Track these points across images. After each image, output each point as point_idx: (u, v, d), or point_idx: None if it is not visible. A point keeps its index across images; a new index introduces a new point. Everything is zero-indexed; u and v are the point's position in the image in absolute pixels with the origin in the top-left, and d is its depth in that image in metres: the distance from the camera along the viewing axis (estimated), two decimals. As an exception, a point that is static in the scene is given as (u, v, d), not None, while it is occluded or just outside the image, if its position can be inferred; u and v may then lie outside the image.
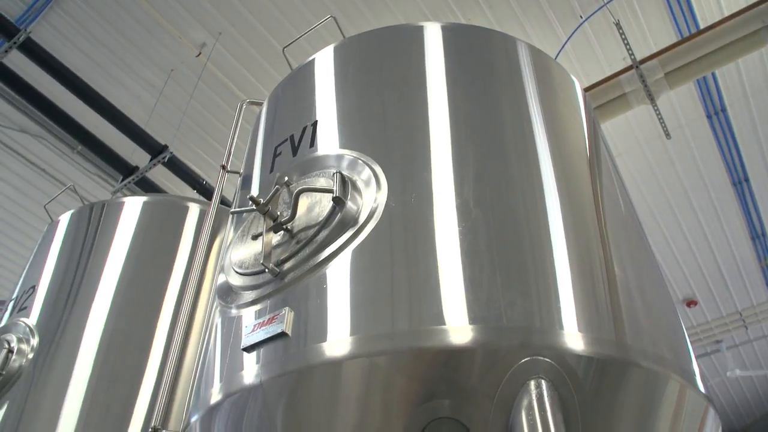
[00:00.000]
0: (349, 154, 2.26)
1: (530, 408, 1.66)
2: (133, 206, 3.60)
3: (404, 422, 1.69)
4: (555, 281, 1.89)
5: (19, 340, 3.10)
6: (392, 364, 1.71)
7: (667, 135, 7.10)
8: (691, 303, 11.56)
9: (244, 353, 1.95)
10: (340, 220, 2.01)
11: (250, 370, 1.89)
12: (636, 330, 1.91)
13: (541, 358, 1.72)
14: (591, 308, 1.88)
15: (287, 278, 2.00)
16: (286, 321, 1.86)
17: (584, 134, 2.61)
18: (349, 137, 2.37)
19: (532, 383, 1.70)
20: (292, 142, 2.53)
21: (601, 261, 2.06)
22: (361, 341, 1.74)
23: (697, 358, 2.21)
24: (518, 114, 2.41)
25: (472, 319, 1.74)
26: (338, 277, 1.92)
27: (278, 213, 2.16)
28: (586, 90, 4.31)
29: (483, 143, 2.24)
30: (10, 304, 3.58)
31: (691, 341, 2.33)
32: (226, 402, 1.93)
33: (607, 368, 1.77)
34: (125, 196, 3.98)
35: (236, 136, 3.52)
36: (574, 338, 1.77)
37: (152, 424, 2.67)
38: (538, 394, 1.68)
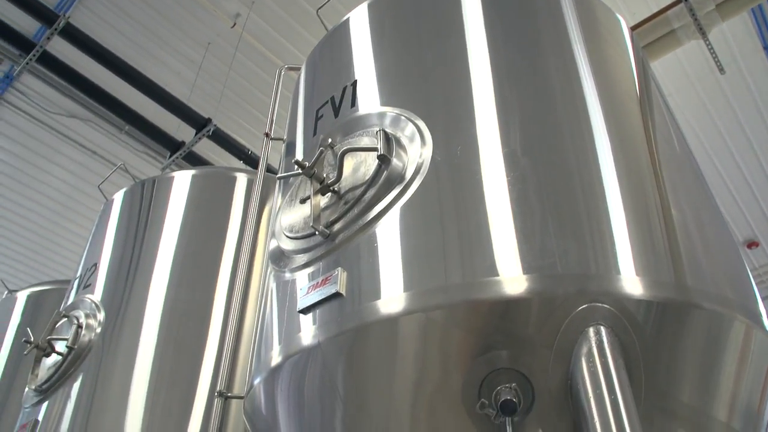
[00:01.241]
0: (390, 111, 2.23)
1: (590, 355, 1.64)
2: (182, 180, 3.67)
3: (463, 375, 1.69)
4: (609, 226, 1.84)
5: (87, 316, 3.23)
6: (448, 317, 1.70)
7: (721, 70, 6.79)
8: (752, 244, 11.20)
9: (301, 315, 1.98)
10: (386, 178, 2.00)
11: (308, 332, 1.92)
12: (696, 271, 1.86)
13: (599, 304, 1.69)
14: (648, 251, 1.83)
15: (338, 239, 2.01)
16: (339, 281, 1.87)
17: (633, 75, 2.51)
18: (389, 94, 2.34)
19: (591, 330, 1.68)
20: (333, 104, 2.52)
21: (656, 203, 1.99)
22: (416, 297, 1.75)
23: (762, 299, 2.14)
24: (562, 57, 2.33)
25: (526, 269, 1.72)
26: (388, 234, 1.91)
27: (324, 175, 2.17)
28: (632, 29, 4.12)
29: (527, 90, 2.18)
30: (75, 282, 3.72)
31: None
32: (286, 364, 1.97)
33: (667, 312, 1.73)
34: (174, 171, 4.06)
35: (277, 103, 3.53)
36: (631, 283, 1.73)
37: (218, 389, 2.77)
38: (597, 341, 1.66)
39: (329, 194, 2.13)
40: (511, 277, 1.71)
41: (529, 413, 1.68)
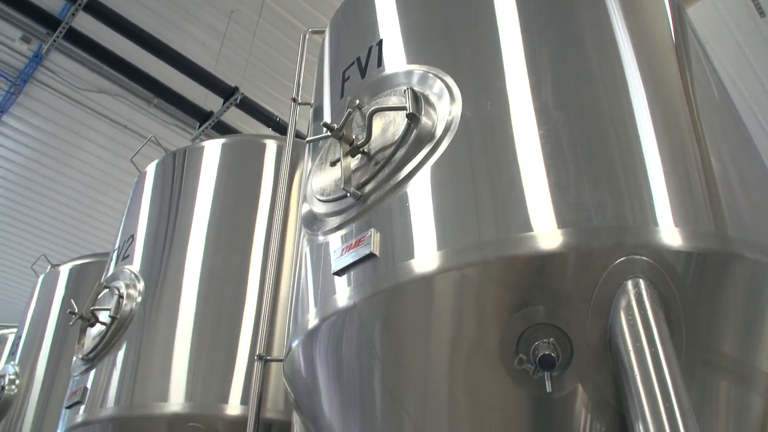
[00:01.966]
0: (418, 68, 2.20)
1: (629, 308, 1.62)
2: (212, 149, 3.69)
3: (500, 331, 1.69)
4: (646, 177, 1.80)
5: (127, 286, 3.30)
6: (483, 274, 1.70)
7: (761, 13, 6.52)
8: (793, 194, 10.88)
9: (336, 277, 1.99)
10: (416, 136, 1.97)
11: (343, 293, 1.93)
12: (738, 221, 1.81)
13: (637, 257, 1.66)
14: (687, 202, 1.79)
15: (369, 200, 2.00)
16: (372, 242, 1.87)
17: (668, 21, 2.41)
18: (416, 52, 2.31)
19: (630, 283, 1.65)
20: (359, 65, 2.49)
21: (695, 152, 1.94)
22: (450, 255, 1.74)
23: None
24: (593, 5, 2.25)
25: (561, 223, 1.69)
26: (420, 193, 1.90)
27: (353, 137, 2.15)
28: (665, -26, 3.95)
29: (557, 41, 2.12)
30: (114, 254, 3.80)
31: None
32: (323, 326, 1.99)
33: (708, 262, 1.70)
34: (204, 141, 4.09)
35: (303, 68, 3.51)
36: (670, 234, 1.70)
37: (257, 353, 2.82)
38: (636, 294, 1.64)
39: (359, 156, 2.12)
40: (546, 232, 1.69)
41: (567, 368, 1.67)
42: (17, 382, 4.77)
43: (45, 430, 4.39)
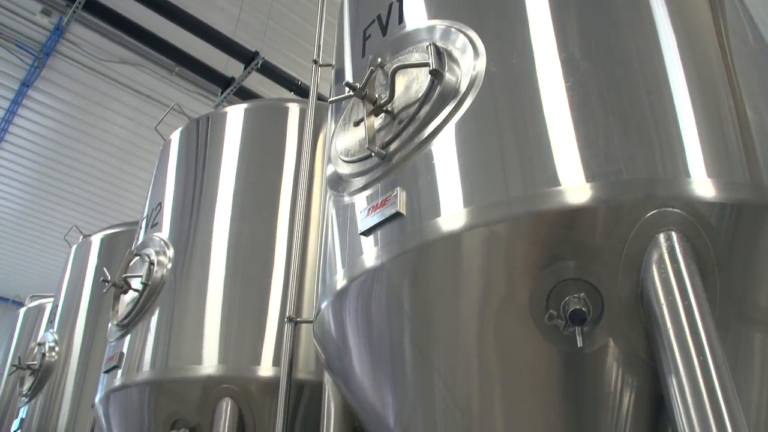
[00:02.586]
0: (440, 23, 2.15)
1: (661, 262, 1.59)
2: (235, 114, 3.68)
3: (530, 287, 1.67)
4: (677, 127, 1.74)
5: (157, 253, 3.35)
6: (511, 230, 1.68)
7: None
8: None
9: (362, 238, 1.98)
10: (440, 93, 1.94)
11: (371, 253, 1.93)
12: (774, 171, 1.76)
13: (669, 209, 1.63)
14: (720, 152, 1.73)
15: (394, 159, 1.98)
16: (399, 201, 1.86)
17: (698, -37, 2.32)
18: (437, 7, 2.25)
19: (662, 236, 1.62)
20: (380, 22, 2.44)
21: (728, 101, 1.87)
22: (477, 211, 1.72)
23: None
24: (621, -50, 2.16)
25: (590, 177, 1.66)
26: (445, 151, 1.88)
27: (376, 96, 2.12)
28: None
29: (584, -11, 2.05)
30: (143, 222, 3.85)
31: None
32: (351, 286, 2.00)
33: (743, 214, 1.65)
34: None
35: (323, 29, 3.46)
36: (703, 185, 1.65)
37: (287, 314, 2.85)
38: (668, 247, 1.61)
39: (383, 115, 2.09)
40: (575, 186, 1.66)
41: (598, 323, 1.66)
42: (57, 349, 4.92)
43: (85, 393, 4.54)
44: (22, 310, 7.10)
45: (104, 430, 3.40)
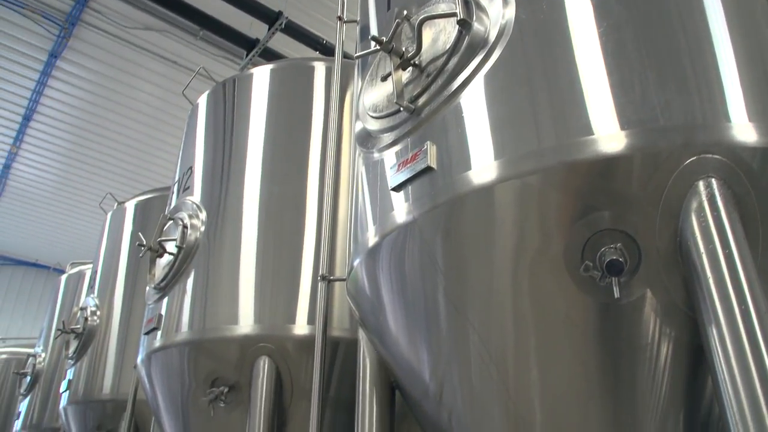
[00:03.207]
0: (466, -29, 2.08)
1: (701, 210, 1.55)
2: (261, 76, 3.66)
3: (564, 239, 1.65)
4: (717, 71, 1.68)
5: (190, 216, 3.38)
6: (544, 182, 1.64)
7: None
8: None
9: (393, 194, 1.97)
10: (468, 44, 1.89)
11: (402, 209, 1.92)
12: (820, 112, 1.68)
13: (709, 155, 1.57)
14: (762, 95, 1.67)
15: (423, 113, 1.95)
16: (429, 155, 1.84)
17: None
18: (463, -46, 2.18)
19: (701, 184, 1.57)
20: (405, -27, 2.38)
21: (771, 41, 1.79)
22: (509, 163, 1.69)
23: None
24: None
25: (625, 124, 1.61)
26: (475, 103, 1.84)
27: (403, 49, 2.07)
28: None
29: (617, -72, 1.95)
30: (175, 187, 3.88)
31: None
32: (384, 243, 1.99)
33: (787, 158, 1.59)
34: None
35: (346, -16, 3.39)
36: (744, 130, 1.59)
37: (320, 273, 2.87)
38: (708, 195, 1.56)
39: (410, 68, 2.05)
40: (609, 135, 1.61)
41: (635, 273, 1.63)
42: (98, 313, 5.06)
43: (127, 355, 4.67)
44: (64, 277, 7.30)
45: (147, 390, 3.50)
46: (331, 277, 2.86)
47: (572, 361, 1.73)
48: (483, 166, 1.73)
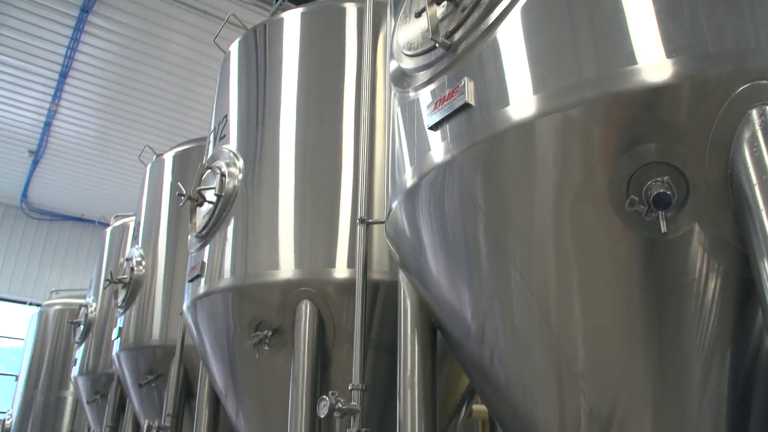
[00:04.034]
0: None
1: (754, 140, 1.48)
2: (292, 20, 3.59)
3: (608, 173, 1.60)
4: (772, -9, 1.58)
5: (227, 165, 3.40)
6: (587, 114, 1.59)
7: None
8: None
9: (430, 133, 1.94)
10: (504, -26, 1.81)
11: (440, 148, 1.88)
12: None
13: (764, 81, 1.50)
14: (822, 16, 1.57)
15: (459, 49, 1.89)
16: (467, 92, 1.79)
17: None
18: None
19: (754, 112, 1.50)
20: None
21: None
22: (549, 97, 1.63)
23: None
24: None
25: (672, 52, 1.54)
26: (512, 36, 1.77)
27: (437, -17, 2.00)
28: None
29: None
30: (211, 136, 3.89)
31: None
32: (422, 183, 1.97)
33: None
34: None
35: None
36: (802, 54, 1.51)
37: (358, 216, 2.87)
38: (762, 124, 1.49)
39: (445, 3, 1.98)
40: (654, 63, 1.54)
41: (683, 207, 1.58)
42: (143, 263, 5.19)
43: (174, 302, 4.80)
44: (109, 230, 7.48)
45: (194, 335, 3.61)
46: (370, 220, 2.86)
47: (616, 298, 1.70)
48: (522, 101, 1.68)
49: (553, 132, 1.64)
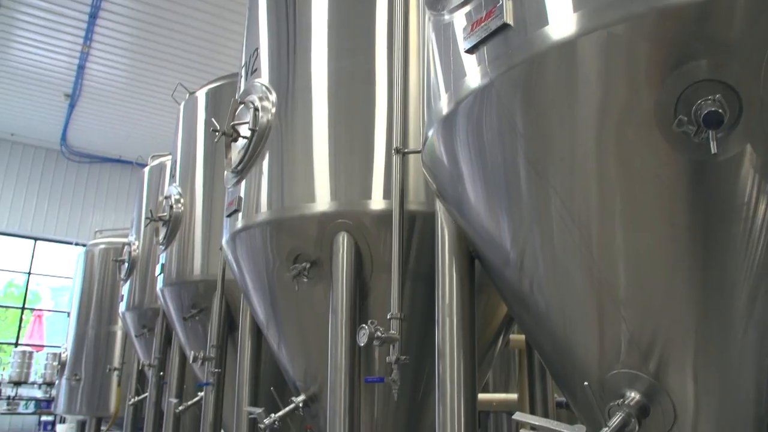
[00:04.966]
0: None
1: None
2: (320, -54, 3.48)
3: (655, 92, 1.53)
4: None
5: (260, 99, 3.37)
6: (633, 30, 1.50)
7: None
8: None
9: (466, 57, 1.87)
10: None
11: (476, 73, 1.82)
12: None
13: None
14: None
15: (497, -34, 1.80)
16: (505, 11, 1.71)
17: None
18: None
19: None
20: None
21: None
22: (591, 13, 1.55)
23: None
24: None
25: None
26: (555, -52, 1.67)
27: None
28: None
29: None
30: (243, 71, 3.85)
31: None
32: (459, 109, 1.92)
33: None
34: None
35: None
36: None
37: (394, 146, 2.84)
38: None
39: None
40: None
41: (735, 128, 1.50)
42: (182, 200, 5.27)
43: (213, 237, 4.89)
44: (146, 170, 7.60)
45: (234, 269, 3.68)
46: (406, 150, 2.83)
47: (660, 222, 1.66)
48: (563, 19, 1.59)
49: (596, 51, 1.56)
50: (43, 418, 15.31)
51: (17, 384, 15.05)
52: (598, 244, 1.74)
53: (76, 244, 15.94)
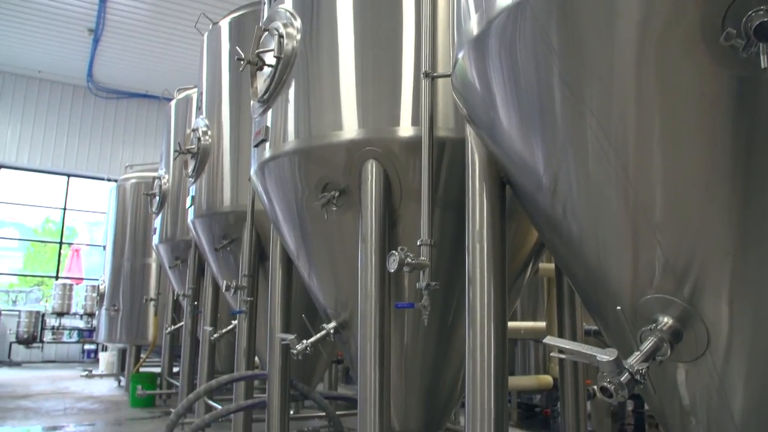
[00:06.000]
0: None
1: None
2: None
3: (702, 4, 1.44)
4: None
5: (285, 26, 3.28)
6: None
7: None
8: None
9: (500, -29, 1.78)
10: None
11: (511, -12, 1.74)
12: None
13: None
14: None
15: None
16: None
17: None
18: None
19: None
20: None
21: None
22: None
23: None
24: None
25: None
26: None
27: None
28: None
29: None
30: (266, -4, 3.75)
31: None
32: (491, 29, 1.84)
33: None
34: None
35: None
36: None
37: (422, 70, 2.77)
38: None
39: None
40: None
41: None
42: (209, 132, 5.26)
43: (241, 168, 4.90)
44: (173, 103, 7.58)
45: (264, 199, 3.69)
46: (435, 74, 2.75)
47: (701, 142, 1.59)
48: (606, -75, 1.50)
49: (639, -41, 1.47)
50: (86, 346, 15.97)
51: (60, 315, 15.66)
52: (634, 167, 1.68)
53: (108, 180, 16.17)
